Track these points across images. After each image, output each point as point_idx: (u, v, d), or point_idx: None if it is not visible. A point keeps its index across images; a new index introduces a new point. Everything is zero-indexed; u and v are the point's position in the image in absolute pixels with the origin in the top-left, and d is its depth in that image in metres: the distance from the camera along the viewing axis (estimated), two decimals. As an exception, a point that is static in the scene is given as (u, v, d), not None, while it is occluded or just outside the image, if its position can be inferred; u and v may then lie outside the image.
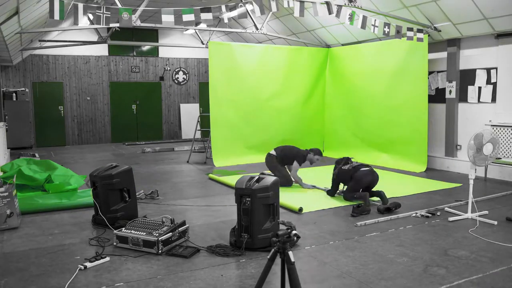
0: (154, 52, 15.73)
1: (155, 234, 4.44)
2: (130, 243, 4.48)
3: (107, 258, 4.21)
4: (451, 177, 8.31)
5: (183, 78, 16.18)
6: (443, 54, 9.13)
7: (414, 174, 8.71)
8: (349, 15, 7.35)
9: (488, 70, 8.36)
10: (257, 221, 4.36)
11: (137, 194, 6.17)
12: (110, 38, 12.03)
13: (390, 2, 8.54)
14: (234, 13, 9.14)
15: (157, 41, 15.34)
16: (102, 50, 14.76)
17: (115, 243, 4.58)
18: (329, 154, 11.22)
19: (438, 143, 9.39)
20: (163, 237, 4.38)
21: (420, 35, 8.12)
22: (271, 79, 10.56)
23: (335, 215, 5.77)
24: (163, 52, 15.79)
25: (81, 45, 12.87)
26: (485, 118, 8.46)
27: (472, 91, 8.70)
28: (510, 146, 8.04)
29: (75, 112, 14.57)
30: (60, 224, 5.49)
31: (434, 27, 8.59)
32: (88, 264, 4.04)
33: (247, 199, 4.36)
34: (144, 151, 12.46)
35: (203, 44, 13.15)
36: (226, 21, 11.43)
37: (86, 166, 9.85)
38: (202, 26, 10.86)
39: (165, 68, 15.81)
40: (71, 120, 14.51)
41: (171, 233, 4.50)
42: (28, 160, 8.26)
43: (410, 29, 7.97)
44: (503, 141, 8.10)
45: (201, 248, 4.48)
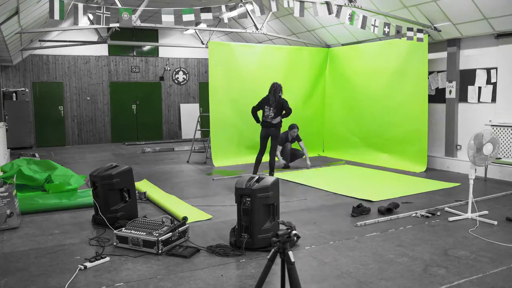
0: (154, 52, 15.73)
1: (155, 234, 4.44)
2: (130, 243, 4.48)
3: (107, 258, 4.21)
4: (451, 177, 8.30)
5: (183, 78, 16.18)
6: (443, 54, 9.13)
7: (414, 174, 8.71)
8: (349, 15, 7.35)
9: (488, 70, 8.36)
10: (257, 221, 4.36)
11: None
12: (110, 38, 12.03)
13: (390, 2, 8.54)
14: (234, 13, 9.14)
15: (157, 41, 15.34)
16: (102, 50, 14.76)
17: (115, 243, 4.58)
18: (329, 154, 11.23)
19: (438, 143, 9.39)
20: (163, 237, 4.38)
21: (420, 35, 8.12)
22: (271, 79, 10.47)
23: (335, 215, 5.78)
24: (163, 52, 15.79)
25: (81, 45, 12.87)
26: (485, 118, 8.46)
27: (472, 91, 8.70)
28: (510, 146, 8.04)
29: (75, 112, 14.57)
30: (60, 224, 5.49)
31: (434, 27, 8.59)
32: (88, 264, 4.04)
33: (247, 199, 4.36)
34: (144, 151, 12.46)
35: (203, 44, 13.15)
36: (226, 21, 11.43)
37: (86, 166, 9.85)
38: (202, 26, 10.86)
39: (165, 68, 15.81)
40: (71, 120, 14.51)
41: (171, 233, 4.50)
42: (28, 160, 8.26)
43: (410, 29, 7.97)
44: (503, 141, 8.11)
45: (201, 248, 4.48)
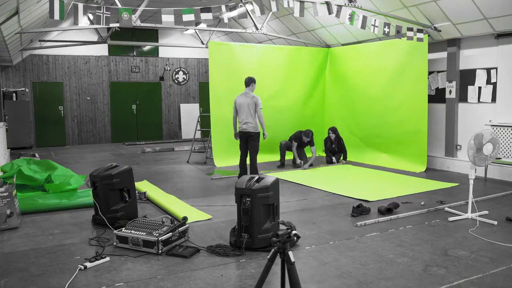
0: (154, 52, 15.73)
1: (155, 234, 4.44)
2: (130, 243, 4.48)
3: (107, 258, 4.21)
4: (451, 177, 8.30)
5: (183, 78, 16.18)
6: (443, 54, 9.13)
7: (413, 174, 8.71)
8: (349, 15, 7.35)
9: (488, 70, 8.35)
10: (257, 221, 4.36)
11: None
12: (110, 38, 12.03)
13: (390, 2, 8.54)
14: (234, 13, 9.15)
15: (157, 41, 15.34)
16: (102, 50, 14.76)
17: (115, 243, 4.58)
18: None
19: (438, 143, 9.39)
20: (163, 237, 4.38)
21: (420, 35, 8.12)
22: (271, 79, 10.55)
23: (335, 215, 5.77)
24: (163, 52, 15.78)
25: (81, 45, 12.87)
26: (485, 118, 8.46)
27: (472, 91, 8.70)
28: (510, 146, 8.04)
29: (75, 112, 14.56)
30: (60, 224, 5.49)
31: (434, 27, 8.58)
32: (88, 264, 4.04)
33: (247, 199, 4.36)
34: (144, 151, 12.46)
35: (203, 44, 13.15)
36: (226, 21, 11.43)
37: (86, 166, 9.85)
38: (202, 26, 10.86)
39: (165, 68, 15.81)
40: (71, 120, 14.51)
41: (171, 233, 4.50)
42: (28, 160, 8.27)
43: (410, 29, 7.97)
44: (503, 141, 8.10)
45: (201, 248, 4.48)
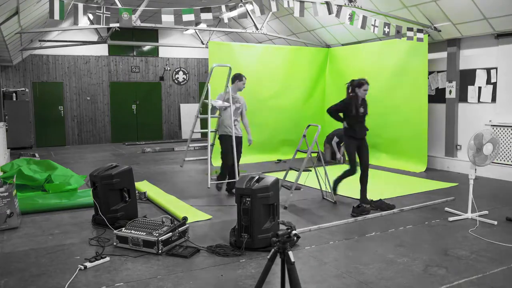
0: (154, 52, 15.73)
1: (155, 234, 4.44)
2: (130, 243, 4.48)
3: (107, 258, 4.21)
4: (451, 177, 8.30)
5: (183, 78, 16.18)
6: (443, 54, 9.13)
7: (413, 174, 8.71)
8: (349, 15, 7.35)
9: (488, 70, 8.35)
10: (257, 221, 4.36)
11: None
12: (110, 38, 12.04)
13: (390, 2, 8.54)
14: (234, 13, 9.14)
15: (157, 41, 15.34)
16: (102, 50, 14.76)
17: (115, 243, 4.58)
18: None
19: (438, 143, 9.39)
20: (163, 237, 4.38)
21: (420, 35, 8.12)
22: (271, 79, 10.55)
23: (335, 215, 5.77)
24: (163, 52, 15.78)
25: (81, 45, 12.88)
26: (485, 118, 8.45)
27: (472, 91, 8.69)
28: (510, 146, 8.03)
29: (75, 112, 14.57)
30: (60, 224, 5.49)
31: (434, 27, 8.58)
32: (88, 264, 4.04)
33: (247, 199, 4.36)
34: (144, 151, 12.46)
35: (203, 44, 13.16)
36: (226, 21, 11.43)
37: (86, 166, 9.85)
38: (202, 26, 10.86)
39: (165, 68, 15.81)
40: (71, 120, 14.51)
41: (171, 233, 4.50)
42: (28, 160, 8.26)
43: (410, 29, 7.97)
44: (503, 141, 8.10)
45: (201, 248, 4.48)
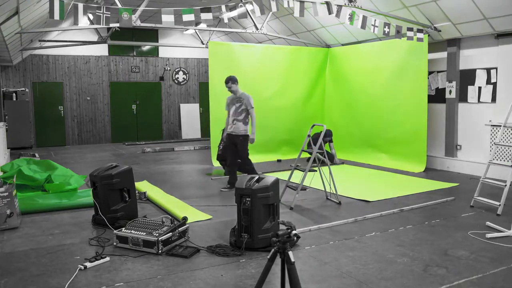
0: (154, 52, 15.72)
1: (155, 234, 4.44)
2: (130, 243, 4.48)
3: (107, 258, 4.21)
4: (451, 177, 8.30)
5: (183, 78, 16.17)
6: (443, 54, 9.13)
7: (413, 174, 8.70)
8: (349, 15, 7.35)
9: (488, 70, 8.35)
10: (257, 221, 4.36)
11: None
12: (110, 38, 12.03)
13: (390, 2, 8.54)
14: (234, 13, 9.15)
15: (157, 41, 15.34)
16: (102, 50, 14.76)
17: (115, 243, 4.58)
18: (329, 154, 11.24)
19: (438, 143, 9.39)
20: (163, 237, 4.38)
21: (420, 35, 8.12)
22: (271, 79, 10.56)
23: (335, 215, 5.77)
24: (163, 52, 15.78)
25: (81, 45, 12.87)
26: (485, 118, 8.45)
27: (472, 91, 8.69)
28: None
29: (75, 112, 14.56)
30: (60, 224, 5.49)
31: (434, 27, 8.58)
32: (88, 264, 4.04)
33: (247, 199, 4.36)
34: (144, 151, 12.46)
35: (203, 44, 13.15)
36: (226, 21, 11.43)
37: (86, 166, 9.84)
38: (202, 26, 10.86)
39: (165, 68, 15.81)
40: (71, 120, 14.51)
41: (171, 233, 4.50)
42: (28, 160, 8.27)
43: (410, 29, 7.97)
44: (503, 141, 8.10)
45: (201, 248, 4.48)
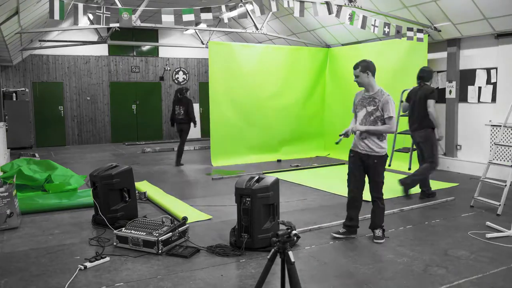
0: (154, 52, 15.73)
1: (155, 234, 4.44)
2: (130, 243, 4.48)
3: (107, 258, 4.21)
4: (451, 177, 8.29)
5: (183, 78, 16.18)
6: (443, 54, 9.13)
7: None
8: (349, 15, 7.36)
9: (488, 70, 8.35)
10: (257, 221, 4.36)
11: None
12: (110, 38, 12.04)
13: (390, 2, 8.54)
14: (234, 13, 9.14)
15: (157, 41, 15.34)
16: (102, 50, 14.76)
17: (115, 243, 4.58)
18: (330, 155, 11.21)
19: (438, 143, 9.36)
20: (163, 237, 4.38)
21: (420, 35, 8.12)
22: (271, 79, 10.56)
23: (336, 215, 5.77)
24: (163, 52, 15.78)
25: (81, 45, 12.87)
26: (485, 118, 8.45)
27: (472, 91, 8.69)
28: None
29: (75, 112, 14.56)
30: (60, 224, 5.49)
31: (434, 27, 8.58)
32: (88, 264, 4.04)
33: (247, 199, 4.36)
34: (144, 151, 12.46)
35: (203, 44, 13.16)
36: (226, 21, 11.43)
37: (86, 166, 9.84)
38: (202, 26, 10.86)
39: (165, 68, 15.81)
40: (71, 120, 14.51)
41: (171, 233, 4.50)
42: (28, 160, 8.26)
43: (410, 29, 7.97)
44: (503, 141, 8.09)
45: (201, 248, 4.48)
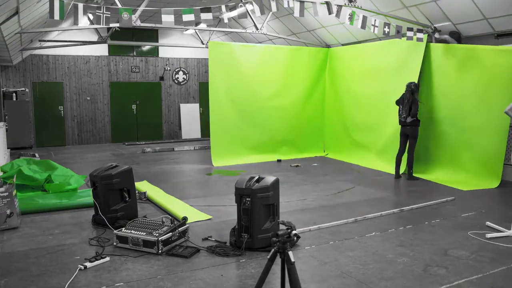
0: (154, 52, 15.72)
1: (155, 234, 4.44)
2: (130, 243, 4.48)
3: (107, 258, 4.21)
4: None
5: (183, 78, 16.17)
6: (443, 54, 9.11)
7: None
8: (349, 15, 7.36)
9: (488, 70, 8.34)
10: (257, 221, 4.36)
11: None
12: (110, 38, 12.04)
13: (390, 2, 8.54)
14: (234, 13, 9.15)
15: (157, 41, 15.33)
16: (102, 50, 14.75)
17: (115, 243, 4.58)
18: (330, 155, 11.22)
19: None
20: (163, 237, 4.38)
21: (420, 35, 8.12)
22: (271, 79, 10.56)
23: (336, 215, 5.77)
24: (163, 52, 15.78)
25: (81, 45, 12.87)
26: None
27: (472, 91, 8.68)
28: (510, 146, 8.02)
29: (75, 112, 14.56)
30: (60, 224, 5.49)
31: (434, 27, 8.58)
32: (88, 264, 4.04)
33: (247, 199, 4.36)
34: (144, 151, 12.46)
35: (203, 44, 13.15)
36: (226, 21, 11.43)
37: (86, 166, 9.84)
38: (202, 26, 10.86)
39: (165, 68, 15.80)
40: (71, 120, 14.50)
41: (171, 233, 4.50)
42: (28, 160, 8.26)
43: (410, 29, 7.97)
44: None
45: (201, 248, 4.48)
